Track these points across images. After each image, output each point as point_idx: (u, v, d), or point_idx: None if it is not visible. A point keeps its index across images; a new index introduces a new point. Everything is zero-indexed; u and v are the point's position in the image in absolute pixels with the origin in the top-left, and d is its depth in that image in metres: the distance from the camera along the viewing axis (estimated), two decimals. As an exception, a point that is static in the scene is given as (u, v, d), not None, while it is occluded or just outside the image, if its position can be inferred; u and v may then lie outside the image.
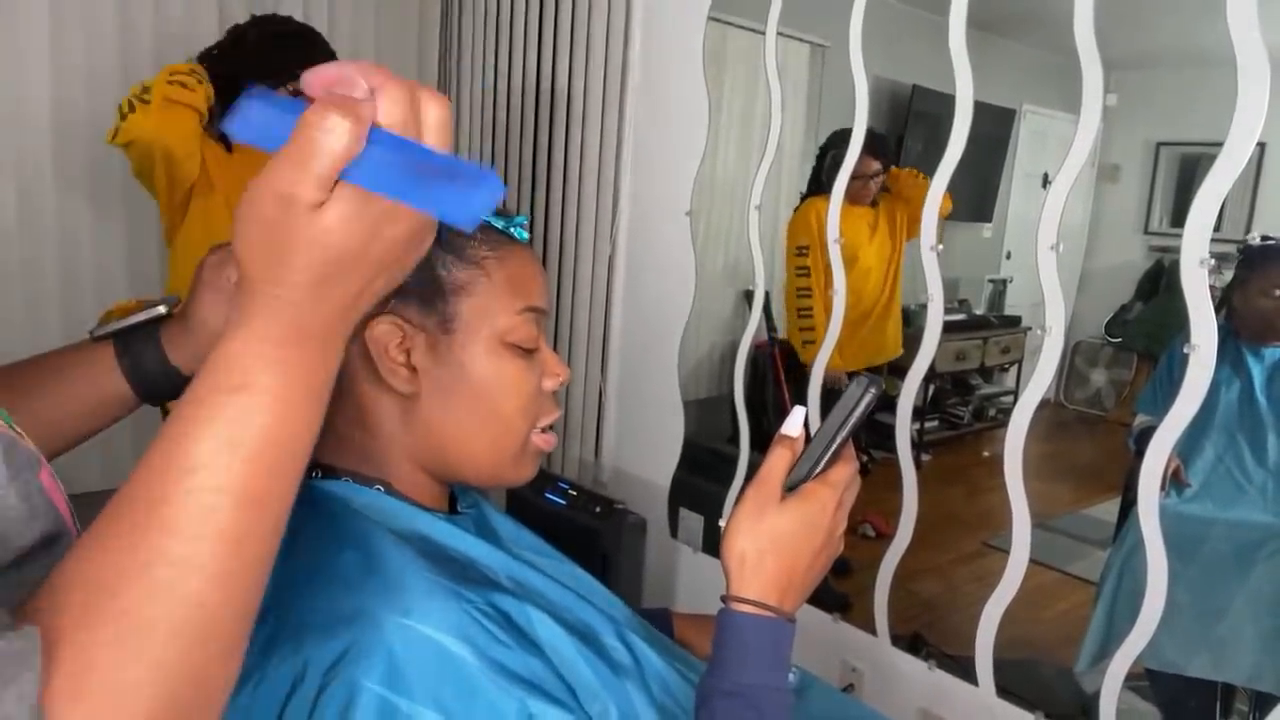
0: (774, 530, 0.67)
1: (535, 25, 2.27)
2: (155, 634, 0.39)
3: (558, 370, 0.76)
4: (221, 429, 0.42)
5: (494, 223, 0.74)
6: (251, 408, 0.42)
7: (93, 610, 0.38)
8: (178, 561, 0.40)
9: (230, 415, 0.42)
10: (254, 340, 0.43)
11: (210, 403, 0.42)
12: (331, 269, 0.44)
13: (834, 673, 1.73)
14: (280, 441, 0.43)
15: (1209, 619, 1.54)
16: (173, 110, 1.63)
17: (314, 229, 0.42)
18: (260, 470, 0.42)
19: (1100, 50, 1.26)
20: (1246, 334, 1.64)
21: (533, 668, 0.64)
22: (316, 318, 0.44)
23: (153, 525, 0.40)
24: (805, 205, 2.07)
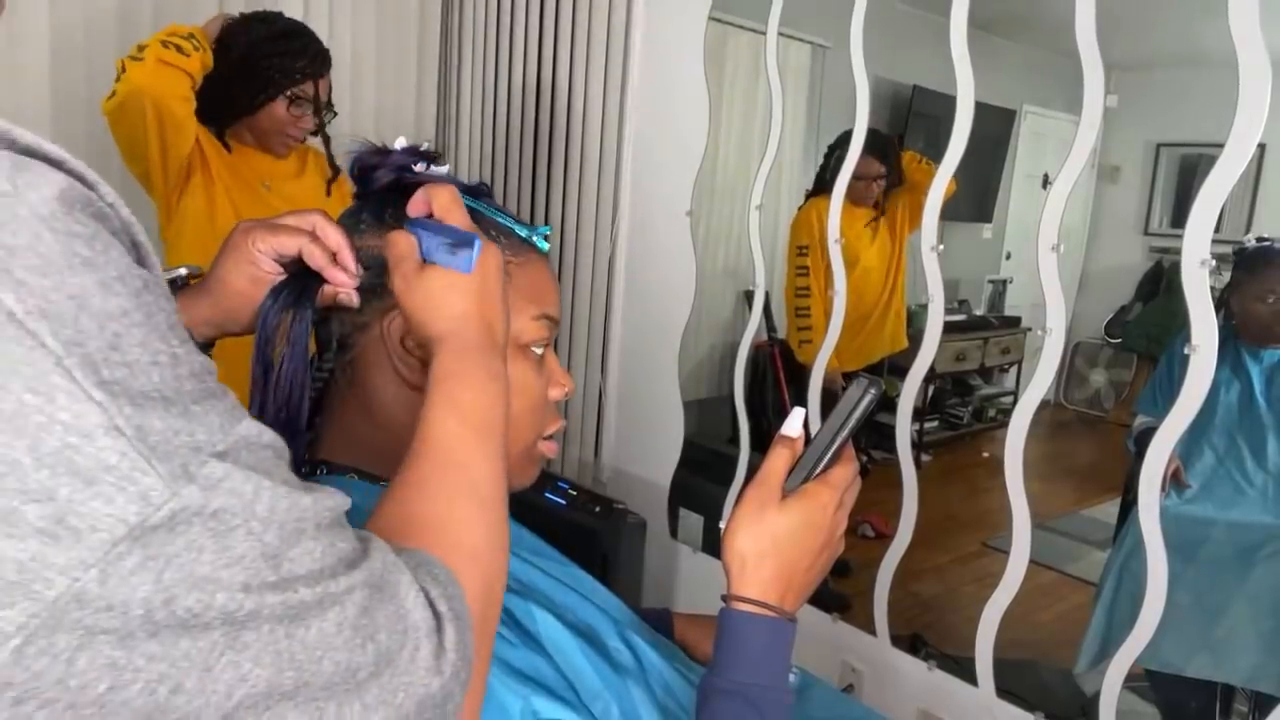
0: (774, 530, 0.67)
1: (535, 25, 2.27)
2: (496, 502, 0.57)
3: (563, 381, 0.78)
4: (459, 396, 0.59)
5: (518, 230, 0.75)
6: (464, 384, 0.60)
7: (454, 486, 0.56)
8: (489, 459, 0.58)
9: (455, 389, 0.60)
10: (451, 357, 0.61)
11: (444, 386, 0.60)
12: (472, 303, 0.64)
13: (834, 673, 1.73)
14: (490, 398, 0.61)
15: (1209, 620, 1.54)
16: (165, 70, 1.59)
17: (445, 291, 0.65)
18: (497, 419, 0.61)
19: (1101, 51, 1.26)
20: (1245, 336, 1.64)
21: (537, 666, 0.64)
22: (479, 335, 0.63)
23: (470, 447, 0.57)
24: (807, 205, 2.07)
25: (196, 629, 0.35)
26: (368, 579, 0.42)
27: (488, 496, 0.56)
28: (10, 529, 0.31)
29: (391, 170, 0.73)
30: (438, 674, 0.44)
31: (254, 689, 0.37)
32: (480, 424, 0.58)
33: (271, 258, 0.68)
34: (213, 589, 0.35)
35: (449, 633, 0.45)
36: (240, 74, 1.72)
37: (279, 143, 1.80)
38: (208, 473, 0.35)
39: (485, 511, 0.55)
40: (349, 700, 0.40)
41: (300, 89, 1.75)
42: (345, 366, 0.71)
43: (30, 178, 0.34)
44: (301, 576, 0.38)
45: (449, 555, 0.51)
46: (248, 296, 0.69)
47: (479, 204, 0.73)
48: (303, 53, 1.76)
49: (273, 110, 1.75)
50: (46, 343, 0.32)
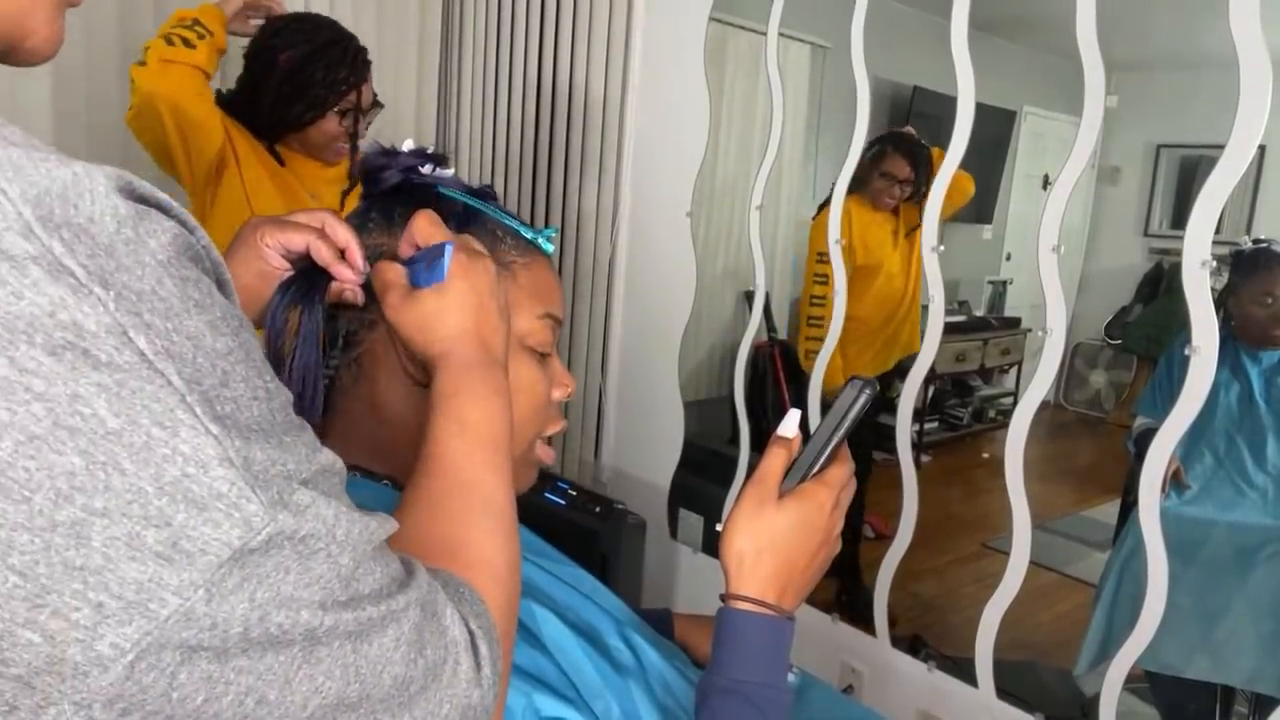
0: (772, 529, 0.67)
1: (536, 25, 2.27)
2: (502, 518, 0.58)
3: (566, 381, 0.78)
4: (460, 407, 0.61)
5: (523, 231, 0.75)
6: (466, 400, 0.62)
7: (462, 502, 0.57)
8: (498, 474, 0.60)
9: (457, 406, 0.61)
10: (450, 374, 0.62)
11: (449, 405, 0.61)
12: (469, 321, 0.65)
13: (834, 673, 1.73)
14: (494, 413, 0.62)
15: (1209, 621, 1.54)
16: (172, 69, 1.53)
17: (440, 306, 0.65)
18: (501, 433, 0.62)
19: (1101, 52, 1.26)
20: (1244, 338, 1.64)
21: (539, 664, 0.64)
22: (478, 352, 0.64)
23: (479, 460, 0.59)
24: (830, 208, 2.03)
25: (281, 645, 0.38)
26: (419, 597, 0.45)
27: (500, 511, 0.58)
28: (133, 552, 0.34)
29: (399, 171, 0.73)
30: (478, 686, 0.46)
31: (325, 700, 0.40)
32: (487, 440, 0.59)
33: (280, 254, 0.69)
34: (297, 607, 0.38)
35: (482, 648, 0.48)
36: (286, 94, 1.67)
37: (331, 153, 1.76)
38: (298, 500, 0.38)
39: (500, 527, 0.57)
40: (401, 712, 0.43)
41: (348, 100, 1.72)
42: (351, 363, 0.72)
43: (150, 225, 0.37)
44: (368, 596, 0.41)
45: (472, 573, 0.53)
46: (255, 291, 0.70)
47: (485, 206, 0.74)
48: (345, 62, 1.70)
49: (323, 126, 1.72)
50: (172, 381, 0.35)
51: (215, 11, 1.62)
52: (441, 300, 0.62)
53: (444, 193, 0.73)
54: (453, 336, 0.62)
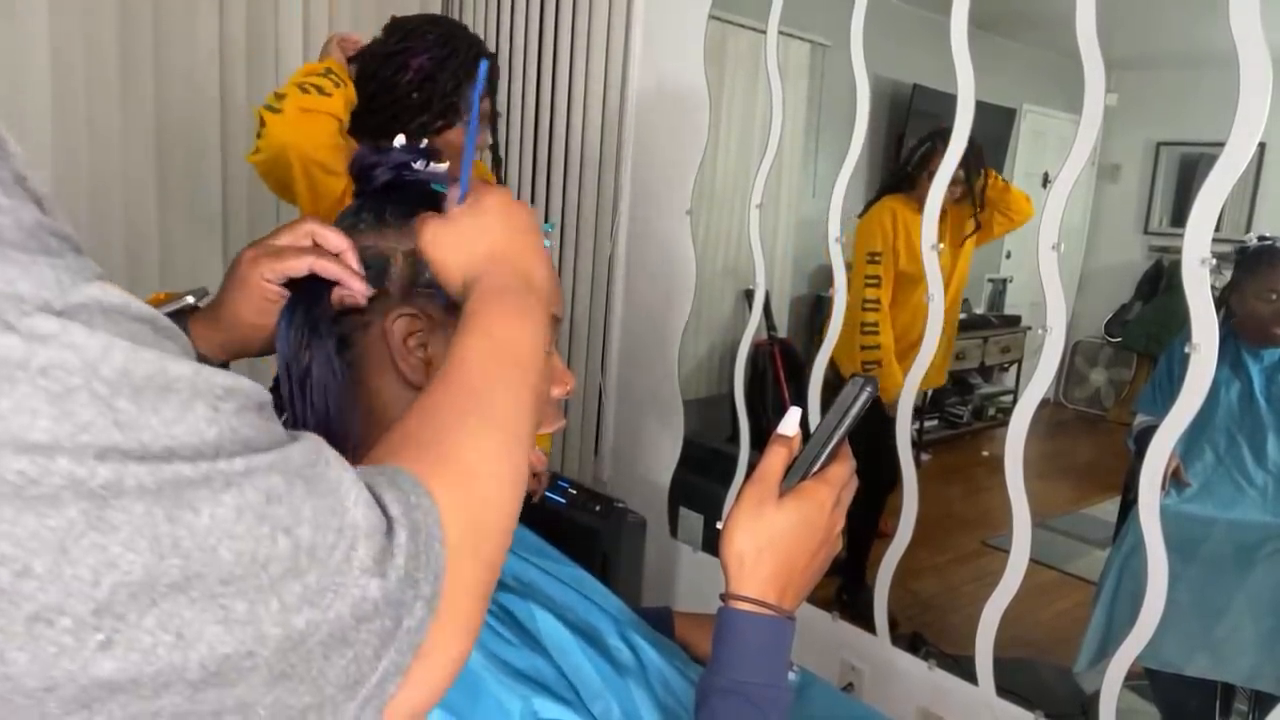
0: (772, 528, 0.66)
1: (536, 24, 2.27)
2: (510, 426, 0.54)
3: (565, 379, 0.77)
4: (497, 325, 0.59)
5: None
6: (511, 318, 0.60)
7: (466, 406, 0.54)
8: (525, 384, 0.57)
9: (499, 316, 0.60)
10: (482, 300, 0.61)
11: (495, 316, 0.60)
12: (498, 246, 0.66)
13: (834, 672, 1.73)
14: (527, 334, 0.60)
15: (1209, 619, 1.54)
16: (308, 118, 1.47)
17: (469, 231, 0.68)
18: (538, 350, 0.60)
19: (1101, 50, 1.26)
20: (1245, 336, 1.64)
21: (537, 666, 0.64)
22: (506, 277, 0.64)
23: (507, 362, 0.57)
24: (879, 205, 1.93)
25: (42, 502, 0.31)
26: (278, 464, 0.38)
27: (498, 420, 0.53)
28: None
29: (390, 169, 0.73)
30: (378, 576, 0.40)
31: (128, 576, 0.33)
32: (506, 354, 0.57)
33: (279, 283, 0.69)
34: (50, 454, 0.31)
35: (400, 536, 0.42)
36: (414, 103, 1.58)
37: (456, 165, 1.70)
38: (31, 325, 0.31)
39: (493, 433, 0.52)
40: (262, 597, 0.36)
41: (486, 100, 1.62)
42: (346, 365, 0.71)
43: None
44: (178, 450, 0.34)
45: (430, 469, 0.47)
46: (258, 327, 0.71)
47: None
48: (473, 66, 1.58)
49: (449, 136, 1.60)
50: None
51: (339, 65, 1.57)
52: (477, 219, 0.63)
53: (437, 190, 0.73)
54: (483, 257, 0.62)
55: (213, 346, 0.73)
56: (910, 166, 1.90)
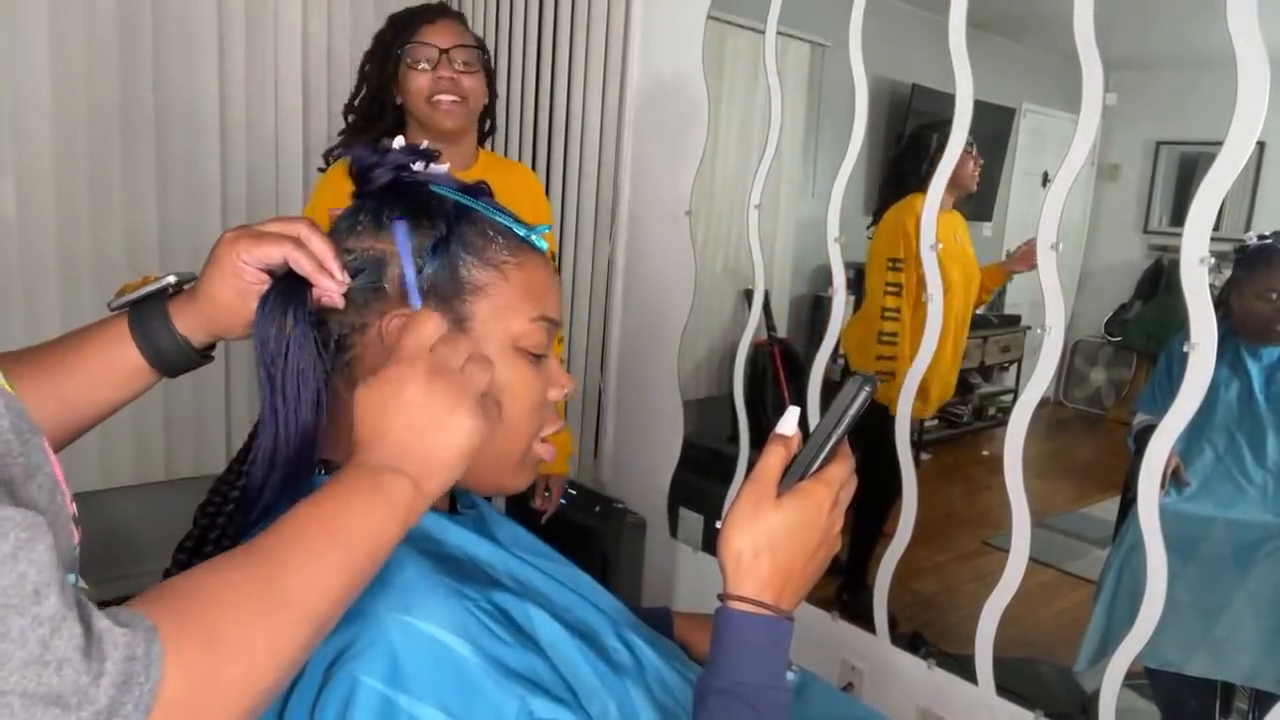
0: (770, 528, 0.66)
1: (535, 25, 2.27)
2: (291, 611, 0.51)
3: (564, 381, 0.77)
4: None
5: (516, 229, 0.74)
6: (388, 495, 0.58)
7: (245, 582, 0.50)
8: (334, 565, 0.54)
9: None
10: (346, 487, 0.58)
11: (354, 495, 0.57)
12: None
13: (834, 672, 1.73)
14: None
15: (1208, 618, 1.54)
16: None
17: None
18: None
19: (1100, 49, 1.26)
20: (1244, 334, 1.64)
21: (533, 666, 0.64)
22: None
23: (321, 535, 0.54)
24: (899, 207, 1.86)
25: None
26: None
27: (289, 598, 0.50)
28: None
29: (390, 170, 0.72)
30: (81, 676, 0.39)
31: None
32: (331, 531, 0.54)
33: (257, 267, 0.69)
34: None
35: (110, 653, 0.40)
36: (371, 72, 1.61)
37: (435, 115, 1.57)
38: None
39: (271, 612, 0.49)
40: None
41: (415, 41, 1.56)
42: (343, 368, 0.71)
43: None
44: None
45: (178, 623, 0.45)
46: (235, 309, 0.70)
47: (477, 203, 0.73)
48: (406, 12, 1.60)
49: (406, 85, 1.57)
50: None
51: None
52: (369, 394, 0.61)
53: (435, 191, 0.72)
54: (369, 429, 0.60)
55: (193, 328, 0.73)
56: (925, 164, 1.86)
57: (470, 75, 1.58)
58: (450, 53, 1.56)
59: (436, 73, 1.56)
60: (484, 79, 1.62)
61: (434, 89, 1.56)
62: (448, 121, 1.57)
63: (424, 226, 0.70)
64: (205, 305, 0.72)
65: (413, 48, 1.56)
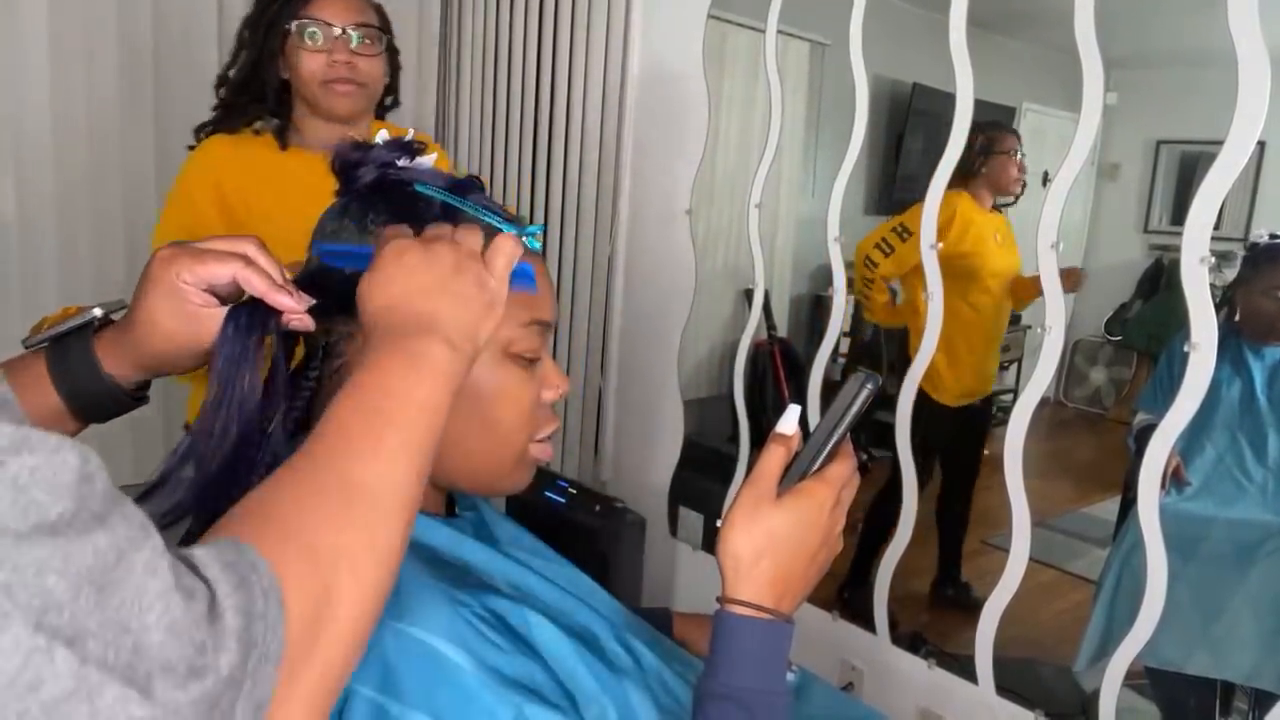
0: (770, 530, 0.65)
1: (535, 23, 2.26)
2: (377, 508, 0.50)
3: (558, 382, 0.76)
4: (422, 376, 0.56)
5: (507, 230, 0.71)
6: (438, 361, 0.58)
7: (315, 484, 0.50)
8: (400, 450, 0.53)
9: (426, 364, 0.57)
10: (386, 354, 0.58)
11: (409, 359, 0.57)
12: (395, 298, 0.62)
13: (833, 672, 1.73)
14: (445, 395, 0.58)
15: (1209, 617, 1.54)
16: None
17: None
18: (442, 408, 0.57)
19: (1101, 48, 1.26)
20: (1248, 333, 1.64)
21: (529, 672, 0.63)
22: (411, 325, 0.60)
23: (377, 424, 0.53)
24: (942, 200, 1.91)
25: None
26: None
27: (361, 491, 0.49)
28: None
29: (374, 168, 0.70)
30: (181, 688, 0.37)
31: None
32: (379, 412, 0.53)
33: (200, 289, 0.62)
34: None
35: (225, 633, 0.39)
36: (251, 47, 1.45)
37: (328, 101, 1.43)
38: None
39: (349, 508, 0.49)
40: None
41: (306, 16, 1.39)
42: (334, 374, 0.71)
43: None
44: None
45: (270, 544, 0.44)
46: (175, 336, 0.63)
47: (464, 203, 0.71)
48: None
49: (294, 64, 1.42)
50: None
51: None
52: (369, 274, 0.60)
53: (421, 191, 0.70)
54: (381, 308, 0.59)
55: (124, 364, 0.65)
56: (968, 162, 1.88)
57: (369, 58, 1.42)
58: (347, 32, 1.40)
59: (331, 55, 1.40)
60: (385, 60, 1.46)
61: (328, 74, 1.41)
62: (341, 108, 1.44)
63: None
64: (140, 334, 0.64)
65: (304, 23, 1.39)
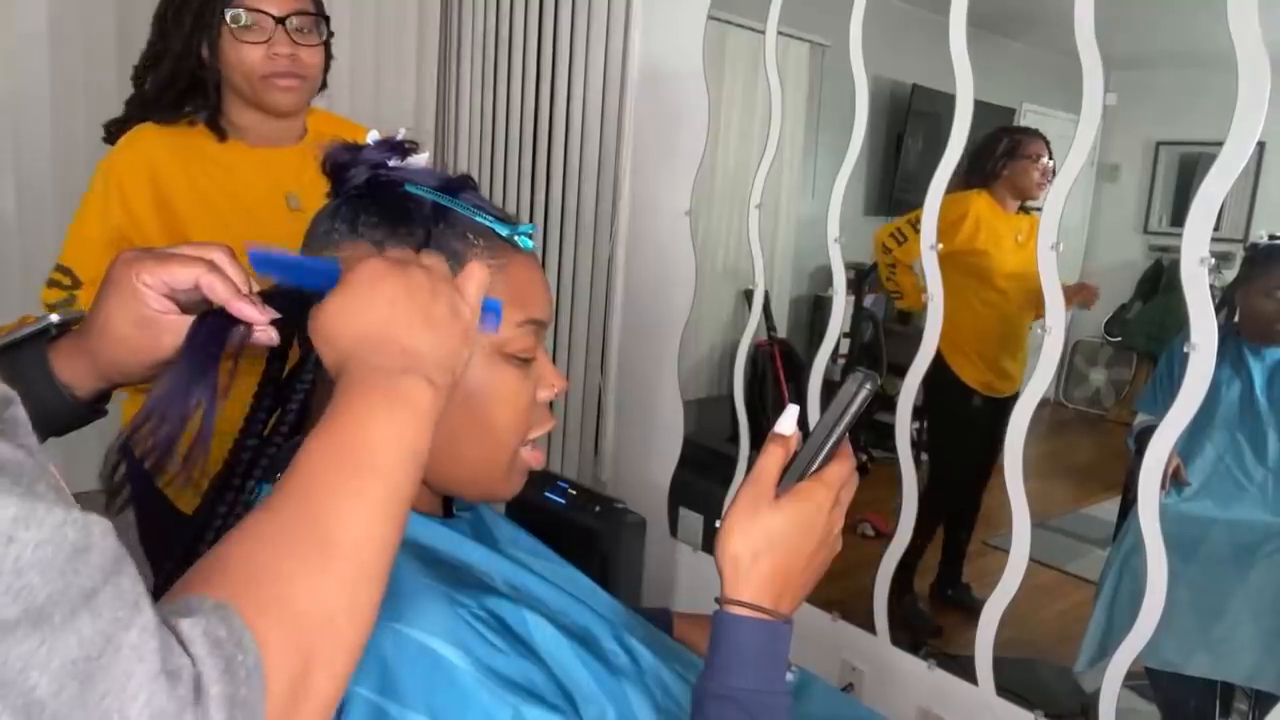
0: (768, 530, 0.65)
1: (535, 23, 2.27)
2: (346, 558, 0.48)
3: (554, 381, 0.75)
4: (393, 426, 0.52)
5: (499, 230, 0.71)
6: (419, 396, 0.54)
7: (284, 535, 0.47)
8: (370, 499, 0.50)
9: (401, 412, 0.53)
10: (358, 396, 0.54)
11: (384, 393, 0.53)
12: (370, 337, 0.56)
13: (834, 672, 1.73)
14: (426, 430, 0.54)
15: (1208, 618, 1.54)
16: None
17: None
18: (423, 444, 0.54)
19: (1100, 50, 1.26)
20: (1249, 334, 1.64)
21: (528, 673, 0.63)
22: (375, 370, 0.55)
23: (345, 469, 0.50)
24: (958, 196, 1.88)
25: None
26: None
27: (344, 550, 0.47)
28: None
29: (366, 169, 0.69)
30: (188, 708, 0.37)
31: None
32: (356, 461, 0.50)
33: (162, 293, 0.60)
34: None
35: (209, 681, 0.38)
36: (173, 37, 1.33)
37: (268, 95, 1.34)
38: None
39: (332, 568, 0.46)
40: None
41: (241, 6, 1.29)
42: (324, 381, 0.70)
43: None
44: None
45: (257, 611, 0.43)
46: (134, 343, 0.60)
47: (455, 203, 0.69)
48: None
49: (228, 56, 1.31)
50: None
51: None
52: (341, 299, 0.56)
53: (412, 191, 0.68)
54: (355, 337, 0.54)
55: (80, 374, 0.62)
56: (991, 166, 1.90)
57: (309, 48, 1.33)
58: (286, 22, 1.31)
59: (270, 47, 1.30)
60: (323, 49, 1.37)
61: (267, 67, 1.31)
62: (283, 103, 1.34)
63: (400, 233, 0.67)
64: (97, 340, 0.61)
65: (238, 12, 1.29)
